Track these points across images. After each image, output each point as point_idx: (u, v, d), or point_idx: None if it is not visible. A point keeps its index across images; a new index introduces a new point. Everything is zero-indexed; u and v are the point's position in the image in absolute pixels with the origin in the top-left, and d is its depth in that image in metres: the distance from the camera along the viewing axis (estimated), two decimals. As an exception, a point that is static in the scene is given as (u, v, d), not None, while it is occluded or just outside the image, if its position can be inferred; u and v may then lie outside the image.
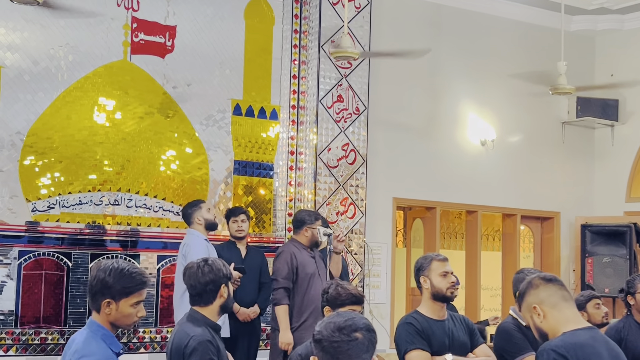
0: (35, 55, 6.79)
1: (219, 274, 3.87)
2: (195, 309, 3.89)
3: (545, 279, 3.34)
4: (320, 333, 2.66)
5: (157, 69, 7.31)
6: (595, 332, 3.25)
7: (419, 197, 8.79)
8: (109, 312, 3.27)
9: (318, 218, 6.38)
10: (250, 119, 7.75)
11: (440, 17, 8.99)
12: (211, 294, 3.86)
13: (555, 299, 3.26)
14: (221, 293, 3.87)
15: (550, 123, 9.76)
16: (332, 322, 2.67)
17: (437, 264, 4.48)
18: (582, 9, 9.48)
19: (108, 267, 3.28)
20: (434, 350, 4.33)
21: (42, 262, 6.70)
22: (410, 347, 4.32)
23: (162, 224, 7.25)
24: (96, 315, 3.34)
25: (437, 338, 4.37)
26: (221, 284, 3.87)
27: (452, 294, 4.47)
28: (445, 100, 8.97)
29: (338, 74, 7.90)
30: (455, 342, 4.43)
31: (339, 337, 2.62)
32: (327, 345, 2.62)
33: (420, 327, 4.36)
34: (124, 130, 7.15)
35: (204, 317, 3.85)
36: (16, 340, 6.52)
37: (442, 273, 4.45)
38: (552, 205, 9.70)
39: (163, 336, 7.10)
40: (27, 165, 6.72)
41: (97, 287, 3.27)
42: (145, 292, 3.36)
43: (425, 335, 4.35)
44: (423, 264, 4.51)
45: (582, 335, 3.17)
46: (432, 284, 4.43)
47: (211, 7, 7.61)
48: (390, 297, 8.40)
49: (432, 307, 4.46)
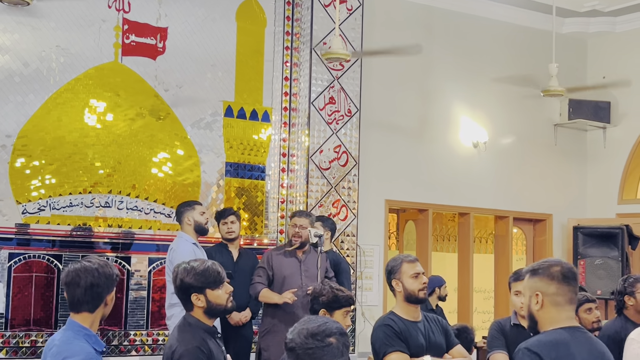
0: (25, 57, 6.77)
1: (186, 280, 3.64)
2: (188, 312, 3.72)
3: (564, 276, 3.19)
4: (293, 341, 2.61)
5: (149, 71, 7.29)
6: (577, 333, 3.18)
7: (411, 199, 8.79)
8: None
9: (294, 215, 6.50)
10: (242, 121, 7.73)
11: (432, 19, 8.99)
12: (185, 300, 3.68)
13: (562, 300, 3.18)
14: (194, 301, 3.65)
15: (543, 125, 9.77)
16: (305, 328, 2.62)
17: (407, 265, 4.44)
18: (574, 11, 9.50)
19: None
20: (411, 352, 4.31)
21: (33, 265, 6.66)
22: (389, 349, 4.28)
23: (154, 227, 7.22)
24: (76, 315, 3.32)
25: (415, 340, 4.35)
26: (191, 292, 3.63)
27: (424, 295, 4.46)
28: (438, 102, 8.97)
29: (330, 75, 7.89)
30: (432, 344, 4.42)
31: (313, 344, 2.57)
32: (302, 353, 2.58)
33: (399, 329, 4.33)
34: (115, 132, 7.12)
35: (197, 321, 3.67)
36: (6, 343, 6.48)
37: (413, 275, 4.42)
38: (544, 208, 9.71)
39: (154, 339, 7.07)
40: (18, 167, 6.69)
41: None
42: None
43: (403, 337, 4.32)
44: (394, 267, 4.47)
45: (561, 334, 3.13)
46: (404, 287, 4.40)
47: (203, 8, 7.59)
48: (382, 299, 8.39)
49: (407, 309, 4.43)
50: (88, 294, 3.32)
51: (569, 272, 3.22)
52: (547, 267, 3.22)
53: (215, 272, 3.71)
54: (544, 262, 3.28)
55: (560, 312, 3.18)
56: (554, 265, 3.23)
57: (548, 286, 3.18)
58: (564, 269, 3.21)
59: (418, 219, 9.09)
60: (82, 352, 3.20)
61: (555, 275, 3.19)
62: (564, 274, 3.20)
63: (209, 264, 3.74)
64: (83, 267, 3.33)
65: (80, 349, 3.21)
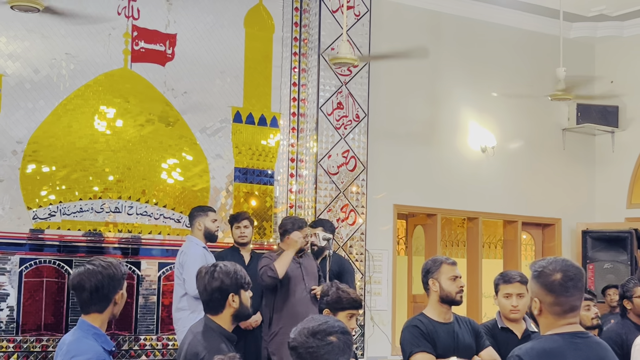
0: (36, 64, 6.82)
1: (226, 281, 3.59)
2: (209, 317, 3.66)
3: (563, 287, 3.03)
4: (295, 340, 2.64)
5: (158, 77, 7.34)
6: (576, 338, 3.05)
7: (420, 204, 8.80)
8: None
9: (302, 226, 6.31)
10: (251, 126, 7.77)
11: (440, 24, 9.02)
12: (218, 302, 3.60)
13: (560, 310, 3.06)
14: (229, 302, 3.59)
15: (551, 130, 9.78)
16: (306, 327, 2.65)
17: (447, 267, 4.50)
18: (581, 15, 9.51)
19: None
20: (439, 353, 4.35)
21: (43, 270, 6.70)
22: (415, 349, 4.34)
23: (163, 232, 7.26)
24: (86, 316, 3.37)
25: (442, 341, 4.39)
26: (229, 293, 3.59)
27: (460, 298, 4.49)
28: (446, 107, 8.98)
29: (338, 81, 7.92)
30: (461, 345, 4.45)
31: (313, 343, 2.61)
32: (303, 351, 2.61)
33: (425, 330, 4.38)
34: (125, 138, 7.16)
35: (219, 327, 3.62)
36: (17, 347, 6.52)
37: (451, 277, 4.48)
38: (553, 212, 9.71)
39: (164, 343, 7.10)
40: (29, 173, 6.74)
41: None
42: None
43: (430, 338, 4.37)
44: (432, 266, 4.52)
45: (557, 341, 3.03)
46: (442, 287, 4.45)
47: (211, 15, 7.64)
48: (391, 304, 8.40)
49: (439, 310, 4.48)
50: (94, 297, 3.37)
51: (570, 281, 3.05)
52: (548, 274, 3.06)
53: (245, 274, 3.72)
54: (548, 265, 3.10)
55: (559, 320, 3.07)
56: (554, 273, 3.06)
57: (545, 296, 3.07)
58: (564, 278, 3.05)
59: (427, 224, 9.10)
60: (90, 351, 3.24)
61: (554, 285, 3.05)
62: (563, 284, 3.04)
63: (237, 266, 3.74)
64: (87, 271, 3.38)
65: (89, 347, 3.26)
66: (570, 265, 3.12)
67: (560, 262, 3.13)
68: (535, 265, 3.16)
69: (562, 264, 3.11)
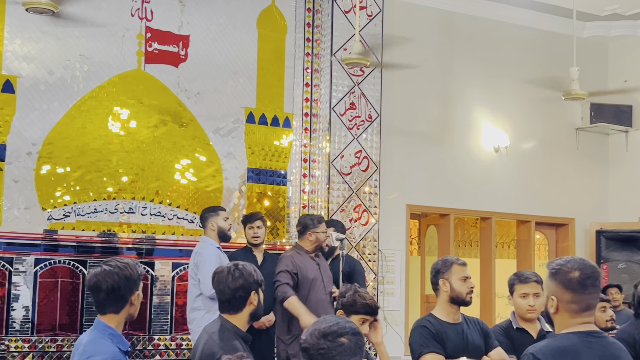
0: (50, 65, 6.87)
1: (249, 279, 3.65)
2: (225, 317, 3.68)
3: (581, 284, 3.04)
4: (306, 341, 2.64)
5: (171, 78, 7.37)
6: (591, 337, 3.06)
7: (433, 204, 8.79)
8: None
9: (321, 221, 6.32)
10: (264, 127, 7.79)
11: (453, 24, 9.01)
12: (240, 301, 3.63)
13: (577, 307, 3.06)
14: (251, 300, 3.65)
15: (564, 129, 9.74)
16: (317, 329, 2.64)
17: (458, 268, 4.50)
18: (595, 15, 9.47)
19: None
20: (448, 353, 4.34)
21: (58, 270, 6.75)
22: (424, 350, 4.33)
23: (177, 232, 7.29)
24: (102, 316, 3.39)
25: (452, 341, 4.38)
26: (251, 291, 3.64)
27: (470, 299, 4.49)
28: (459, 107, 8.97)
29: (350, 81, 7.93)
30: (470, 346, 4.44)
31: (325, 344, 2.60)
32: (315, 353, 2.61)
33: (435, 331, 4.37)
34: (139, 139, 7.20)
35: (234, 327, 3.64)
36: (32, 347, 6.57)
37: (462, 277, 4.47)
38: (566, 212, 9.68)
39: (178, 343, 7.13)
40: (43, 174, 6.79)
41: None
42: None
43: (439, 339, 4.36)
44: (443, 267, 4.51)
45: (571, 339, 3.03)
46: (452, 288, 4.44)
47: (224, 16, 7.66)
48: (404, 304, 8.39)
49: (448, 311, 4.48)
50: (111, 297, 3.38)
51: (587, 280, 3.06)
52: (566, 272, 3.08)
53: (260, 273, 3.78)
54: (565, 264, 3.12)
55: (575, 318, 3.07)
56: (572, 271, 3.07)
57: (563, 293, 3.07)
58: (582, 276, 3.06)
59: (439, 224, 9.09)
60: (107, 352, 3.27)
61: (572, 282, 3.06)
62: (581, 281, 3.05)
63: (252, 265, 3.79)
64: (103, 272, 3.40)
65: (105, 348, 3.28)
66: (587, 263, 3.14)
67: (578, 260, 3.15)
68: (552, 264, 3.18)
69: (580, 263, 3.13)
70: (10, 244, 6.55)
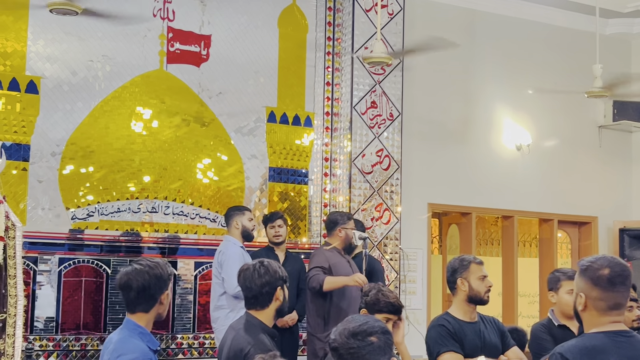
0: (73, 66, 6.91)
1: (275, 275, 3.75)
2: (251, 314, 3.77)
3: (610, 282, 3.03)
4: (335, 341, 2.64)
5: (193, 78, 7.39)
6: (620, 337, 3.02)
7: (454, 203, 8.76)
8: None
9: (350, 218, 6.36)
10: (285, 126, 7.80)
11: (474, 22, 8.97)
12: (267, 297, 3.74)
13: (605, 305, 3.04)
14: (277, 296, 3.75)
15: (587, 127, 9.68)
16: (346, 328, 2.64)
17: (475, 267, 4.48)
18: (617, 12, 9.40)
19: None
20: (466, 352, 4.33)
21: (82, 269, 6.79)
22: (443, 349, 4.32)
23: (199, 231, 7.31)
24: (132, 315, 3.42)
25: (469, 340, 4.37)
26: (277, 286, 3.75)
27: (488, 297, 4.47)
28: (480, 105, 8.94)
29: (372, 80, 7.92)
30: (487, 344, 4.42)
31: (354, 343, 2.60)
32: (344, 352, 2.61)
33: (453, 329, 4.36)
34: (161, 139, 7.23)
35: (261, 323, 3.73)
36: (57, 346, 6.62)
37: (480, 276, 4.46)
38: (589, 210, 9.61)
39: (200, 342, 7.16)
40: (67, 174, 6.83)
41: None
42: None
43: (457, 338, 4.34)
44: (460, 266, 4.50)
45: (600, 339, 3.00)
46: (471, 287, 4.43)
47: (245, 16, 7.68)
48: (426, 303, 8.38)
49: (465, 309, 4.46)
50: (141, 296, 3.41)
51: (617, 277, 3.04)
52: (595, 269, 3.07)
53: (284, 270, 3.90)
54: (596, 261, 3.11)
55: (603, 317, 3.05)
56: (602, 268, 3.06)
57: (591, 290, 3.05)
58: (612, 273, 3.04)
59: (461, 223, 9.06)
60: (137, 350, 3.29)
61: (601, 279, 3.04)
62: (610, 279, 3.03)
63: (276, 262, 3.91)
64: (134, 270, 3.43)
65: (135, 347, 3.30)
66: (618, 262, 3.13)
67: (609, 258, 3.14)
68: (583, 261, 3.17)
69: (610, 261, 3.12)
70: (34, 244, 6.59)
